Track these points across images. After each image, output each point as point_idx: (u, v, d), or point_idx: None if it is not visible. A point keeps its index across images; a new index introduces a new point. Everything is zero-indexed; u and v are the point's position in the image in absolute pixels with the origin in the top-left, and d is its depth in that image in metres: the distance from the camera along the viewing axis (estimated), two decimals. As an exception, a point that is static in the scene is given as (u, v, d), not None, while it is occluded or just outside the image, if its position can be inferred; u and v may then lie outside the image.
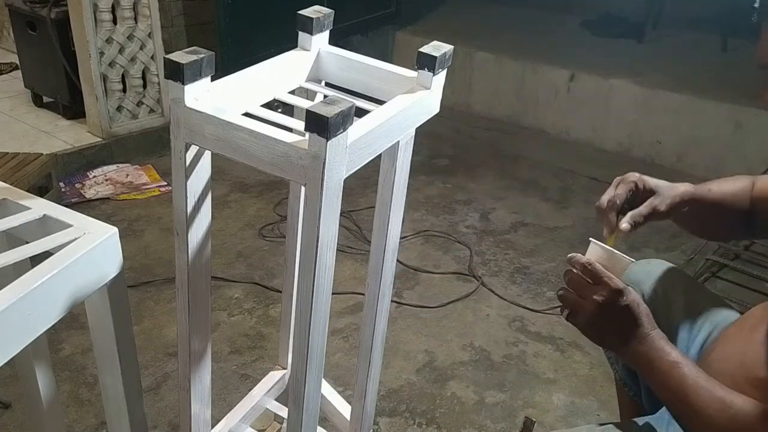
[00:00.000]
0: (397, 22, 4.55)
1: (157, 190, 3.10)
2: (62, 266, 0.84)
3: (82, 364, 2.03)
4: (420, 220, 2.90)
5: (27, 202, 0.97)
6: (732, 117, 3.30)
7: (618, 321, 1.03)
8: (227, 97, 1.04)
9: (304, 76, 1.23)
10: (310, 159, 0.91)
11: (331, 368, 2.03)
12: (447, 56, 1.13)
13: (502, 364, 2.09)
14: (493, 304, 2.38)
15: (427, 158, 3.46)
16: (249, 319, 2.27)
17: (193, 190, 1.06)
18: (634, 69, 3.76)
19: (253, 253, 2.63)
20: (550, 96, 3.88)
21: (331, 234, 1.00)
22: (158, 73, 3.36)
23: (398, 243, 1.34)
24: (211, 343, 1.24)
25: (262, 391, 1.57)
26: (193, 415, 1.26)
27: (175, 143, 1.02)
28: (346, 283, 2.44)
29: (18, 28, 3.54)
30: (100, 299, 0.95)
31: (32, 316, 0.81)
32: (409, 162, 1.25)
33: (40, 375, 1.08)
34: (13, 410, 1.85)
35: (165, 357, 2.07)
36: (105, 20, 3.13)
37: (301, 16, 1.20)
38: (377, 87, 1.20)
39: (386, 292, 1.36)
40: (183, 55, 0.95)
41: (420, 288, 2.47)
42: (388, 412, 1.89)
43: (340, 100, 0.90)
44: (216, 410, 1.50)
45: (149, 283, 2.41)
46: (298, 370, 1.09)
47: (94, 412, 1.86)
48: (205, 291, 1.17)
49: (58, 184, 2.93)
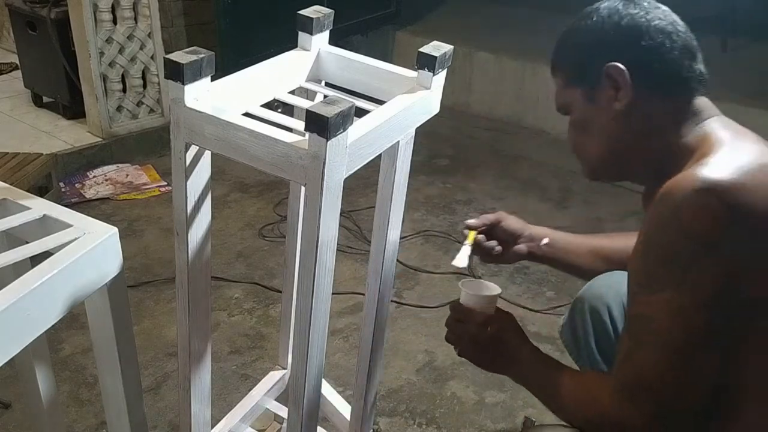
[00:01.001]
0: (397, 22, 4.55)
1: (157, 190, 3.10)
2: (62, 266, 0.84)
3: (82, 364, 2.03)
4: (420, 220, 2.90)
5: (27, 202, 0.97)
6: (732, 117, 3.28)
7: (492, 348, 1.15)
8: (227, 97, 1.04)
9: (304, 76, 1.23)
10: (310, 159, 0.91)
11: (331, 368, 2.03)
12: (447, 56, 1.13)
13: (502, 364, 2.09)
14: (493, 304, 2.38)
15: (427, 158, 3.46)
16: (249, 319, 2.27)
17: (193, 190, 1.06)
18: (634, 69, 3.76)
19: (253, 253, 2.63)
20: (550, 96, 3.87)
21: (331, 234, 1.00)
22: (158, 73, 3.36)
23: (398, 243, 1.34)
24: (211, 343, 1.24)
25: (262, 391, 1.57)
26: (193, 415, 1.26)
27: (175, 143, 1.02)
28: (346, 283, 2.44)
29: (18, 28, 3.55)
30: (100, 299, 0.95)
31: (32, 316, 0.81)
32: (409, 162, 1.25)
33: (40, 375, 1.08)
34: (13, 410, 1.85)
35: (165, 357, 2.07)
36: (105, 20, 3.13)
37: (301, 16, 1.20)
38: (377, 87, 1.20)
39: (386, 292, 1.36)
40: (183, 55, 0.95)
41: (420, 288, 2.47)
42: (388, 412, 1.89)
43: (340, 100, 0.90)
44: (216, 410, 1.50)
45: (149, 283, 2.41)
46: (298, 370, 1.09)
47: (94, 412, 1.86)
48: (205, 291, 1.17)
49: (58, 184, 2.93)
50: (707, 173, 0.90)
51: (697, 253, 0.89)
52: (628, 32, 1.02)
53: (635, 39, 1.01)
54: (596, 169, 1.12)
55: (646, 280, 0.94)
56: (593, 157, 1.11)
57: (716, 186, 0.89)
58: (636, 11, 1.03)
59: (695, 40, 1.05)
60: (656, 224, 0.93)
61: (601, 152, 1.09)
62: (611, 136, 1.06)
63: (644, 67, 1.01)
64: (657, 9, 1.04)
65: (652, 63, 1.01)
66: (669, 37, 1.01)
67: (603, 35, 1.03)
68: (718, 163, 0.93)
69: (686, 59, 1.03)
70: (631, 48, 1.01)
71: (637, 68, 1.01)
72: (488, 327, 1.15)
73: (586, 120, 1.09)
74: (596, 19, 1.04)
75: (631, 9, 1.03)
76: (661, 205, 0.93)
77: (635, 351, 0.95)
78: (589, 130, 1.09)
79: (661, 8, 1.05)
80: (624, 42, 1.02)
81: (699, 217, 0.88)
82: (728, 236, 0.88)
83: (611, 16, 1.03)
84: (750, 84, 3.46)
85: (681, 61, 1.02)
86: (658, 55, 1.01)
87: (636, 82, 1.01)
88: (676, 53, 1.01)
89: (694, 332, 0.90)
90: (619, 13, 1.03)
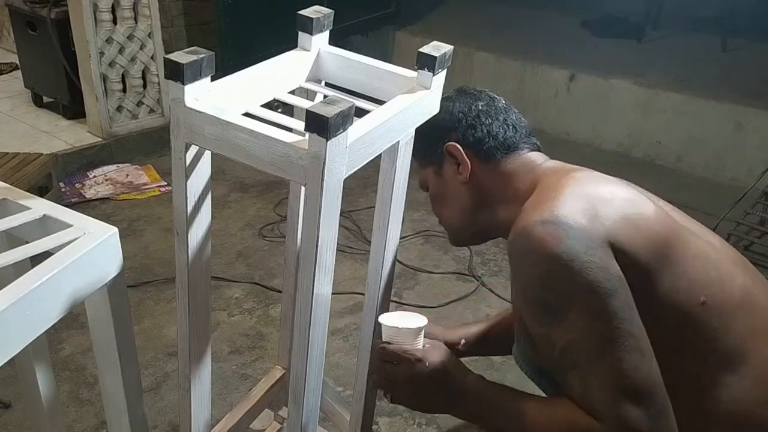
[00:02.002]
0: (397, 22, 4.55)
1: (157, 190, 3.10)
2: (62, 266, 0.84)
3: (82, 364, 2.03)
4: (420, 220, 2.90)
5: (27, 202, 0.97)
6: (732, 117, 3.30)
7: (433, 386, 1.09)
8: (227, 97, 1.04)
9: (304, 76, 1.23)
10: (310, 159, 0.91)
11: (331, 368, 2.03)
12: (447, 56, 1.13)
13: (501, 364, 2.09)
14: (493, 304, 2.38)
15: (427, 158, 3.46)
16: (249, 319, 2.27)
17: (193, 190, 1.06)
18: (634, 69, 3.76)
19: (253, 253, 2.63)
20: (549, 96, 3.88)
21: (331, 234, 1.00)
22: (158, 73, 3.37)
23: (398, 243, 1.34)
24: (211, 343, 1.24)
25: (262, 391, 1.57)
26: (193, 415, 1.26)
27: (175, 143, 1.02)
28: (346, 283, 2.44)
29: (18, 28, 3.55)
30: (100, 299, 0.94)
31: (32, 316, 0.81)
32: (409, 162, 1.25)
33: (40, 375, 1.08)
34: (13, 410, 1.85)
35: (165, 357, 2.07)
36: (105, 20, 3.14)
37: (301, 16, 1.20)
38: (377, 87, 1.20)
39: (386, 292, 1.36)
40: (183, 55, 0.95)
41: (420, 288, 2.47)
42: (388, 412, 1.89)
43: (340, 100, 0.90)
44: (216, 410, 1.50)
45: (149, 283, 2.41)
46: (298, 370, 1.09)
47: (94, 412, 1.86)
48: (205, 291, 1.17)
49: (58, 184, 2.94)
50: (538, 212, 1.01)
51: (566, 268, 0.94)
52: (458, 115, 1.21)
53: (464, 120, 1.20)
54: (458, 234, 1.27)
55: (545, 317, 0.99)
56: (454, 225, 1.26)
57: (546, 217, 0.98)
58: (463, 98, 1.23)
59: (517, 114, 1.24)
60: (519, 266, 1.02)
61: (460, 219, 1.23)
62: (463, 203, 1.22)
63: (475, 140, 1.19)
64: (481, 94, 1.25)
65: (480, 137, 1.19)
66: (489, 115, 1.21)
67: (441, 121, 1.19)
68: (542, 201, 1.04)
69: (508, 127, 1.20)
70: (462, 128, 1.20)
71: (470, 143, 1.19)
72: (424, 363, 1.09)
73: (441, 193, 1.25)
74: (438, 111, 1.18)
75: (460, 97, 1.24)
76: (513, 249, 1.02)
77: (590, 374, 0.95)
78: (446, 201, 1.24)
79: (485, 93, 1.25)
80: (455, 123, 1.20)
81: (545, 241, 0.96)
82: (577, 242, 0.95)
83: (445, 106, 1.20)
84: (750, 84, 3.46)
85: (503, 129, 1.20)
86: (483, 128, 1.19)
87: (471, 154, 1.19)
88: (497, 124, 1.20)
89: (620, 325, 0.94)
90: (452, 101, 1.23)
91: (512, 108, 1.25)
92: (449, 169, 1.21)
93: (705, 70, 3.71)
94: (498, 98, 1.26)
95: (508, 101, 1.27)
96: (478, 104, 1.22)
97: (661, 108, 3.50)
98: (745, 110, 3.28)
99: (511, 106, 1.26)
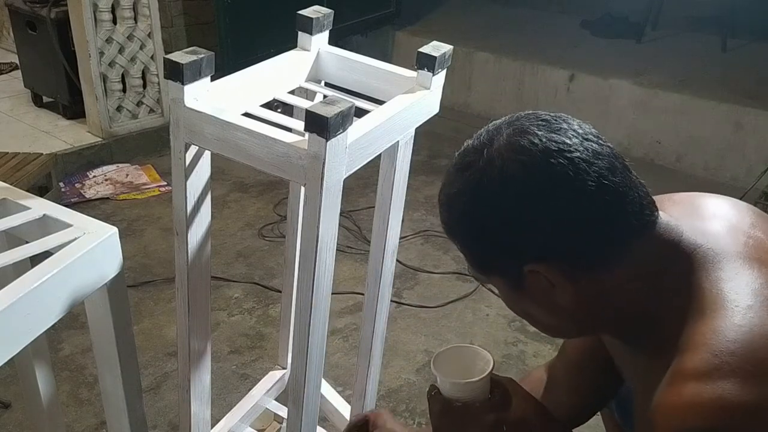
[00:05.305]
0: (397, 22, 4.55)
1: (157, 190, 3.10)
2: (62, 266, 0.84)
3: (82, 364, 2.03)
4: (420, 220, 2.90)
5: (27, 202, 0.97)
6: (732, 117, 3.29)
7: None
8: (227, 97, 1.04)
9: (303, 76, 1.23)
10: (310, 159, 0.91)
11: (331, 368, 2.03)
12: (446, 56, 1.13)
13: (501, 364, 2.09)
14: (493, 303, 2.38)
15: (427, 158, 3.46)
16: (249, 319, 2.27)
17: (192, 190, 1.06)
18: (634, 69, 3.76)
19: (253, 253, 2.63)
20: (549, 96, 3.88)
21: (331, 234, 1.00)
22: (158, 73, 3.36)
23: (398, 243, 1.34)
24: (210, 343, 1.24)
25: (261, 391, 1.57)
26: (193, 415, 1.26)
27: (175, 143, 1.02)
28: (346, 283, 2.44)
29: (18, 28, 3.54)
30: (100, 299, 0.94)
31: (32, 316, 0.81)
32: (408, 162, 1.25)
33: (40, 375, 1.08)
34: (13, 410, 1.85)
35: (165, 357, 2.07)
36: (105, 20, 3.13)
37: (301, 16, 1.20)
38: (377, 87, 1.20)
39: (386, 292, 1.36)
40: (183, 55, 0.95)
41: (420, 288, 2.47)
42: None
43: (340, 100, 0.90)
44: (216, 410, 1.50)
45: (149, 283, 2.41)
46: (298, 370, 1.09)
47: (94, 412, 1.86)
48: (205, 291, 1.17)
49: (58, 184, 2.93)
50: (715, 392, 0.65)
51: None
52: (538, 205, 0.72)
53: (550, 219, 0.72)
54: (557, 332, 0.89)
55: None
56: (547, 325, 0.86)
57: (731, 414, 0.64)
58: (541, 166, 0.72)
59: (617, 156, 0.74)
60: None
61: (556, 323, 0.84)
62: (561, 317, 0.81)
63: (577, 249, 0.74)
64: (571, 125, 0.75)
65: (587, 245, 0.73)
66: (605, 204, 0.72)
67: (505, 213, 0.74)
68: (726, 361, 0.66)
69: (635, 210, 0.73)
70: (547, 234, 0.73)
71: (567, 255, 0.74)
72: (505, 414, 0.84)
73: (520, 302, 0.83)
74: (489, 180, 0.74)
75: (529, 146, 0.73)
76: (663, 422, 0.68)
77: None
78: (530, 311, 0.84)
79: (575, 123, 0.75)
80: (537, 232, 0.73)
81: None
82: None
83: (507, 172, 0.73)
84: (750, 84, 3.46)
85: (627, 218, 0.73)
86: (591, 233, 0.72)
87: (570, 272, 0.75)
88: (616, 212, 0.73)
89: None
90: (511, 173, 0.73)
91: (611, 149, 0.75)
92: (536, 287, 0.78)
93: (705, 70, 3.71)
94: (604, 143, 0.74)
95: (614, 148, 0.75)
96: (578, 155, 0.72)
97: (661, 108, 3.50)
98: (745, 110, 3.28)
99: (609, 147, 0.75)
